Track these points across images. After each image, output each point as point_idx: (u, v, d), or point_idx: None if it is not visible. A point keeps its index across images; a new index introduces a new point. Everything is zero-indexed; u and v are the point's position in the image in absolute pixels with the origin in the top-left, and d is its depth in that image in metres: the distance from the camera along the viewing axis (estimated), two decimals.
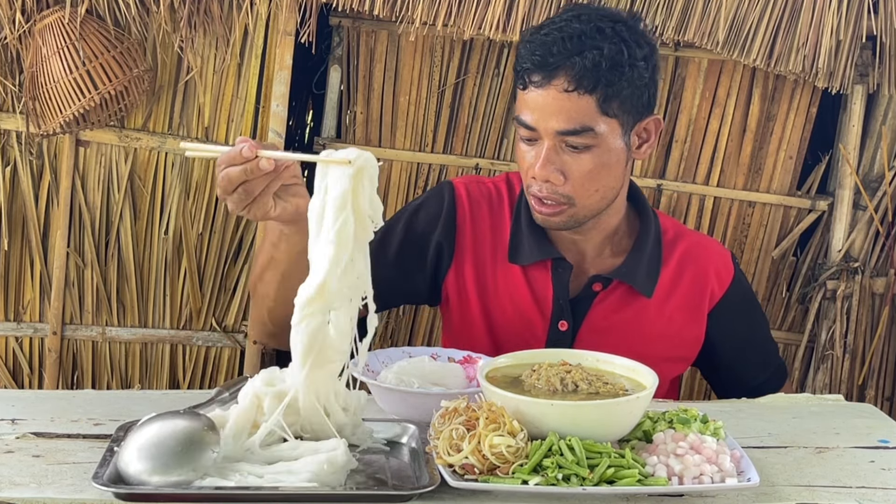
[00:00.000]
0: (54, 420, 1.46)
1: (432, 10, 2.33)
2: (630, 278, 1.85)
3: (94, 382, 2.57)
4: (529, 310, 1.86)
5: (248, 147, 1.40)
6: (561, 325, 1.85)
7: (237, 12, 2.36)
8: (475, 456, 1.24)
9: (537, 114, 1.71)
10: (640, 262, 1.86)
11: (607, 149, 1.73)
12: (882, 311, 2.59)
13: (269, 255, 1.66)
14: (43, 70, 2.25)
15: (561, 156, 1.71)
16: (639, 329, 1.85)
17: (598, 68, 1.67)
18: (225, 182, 1.43)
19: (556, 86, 1.68)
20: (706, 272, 1.91)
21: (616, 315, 1.86)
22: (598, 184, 1.75)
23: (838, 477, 1.37)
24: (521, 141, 1.77)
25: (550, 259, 1.85)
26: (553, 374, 1.39)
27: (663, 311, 1.88)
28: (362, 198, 1.32)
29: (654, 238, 1.89)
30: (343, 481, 1.26)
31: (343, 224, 1.30)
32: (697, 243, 1.95)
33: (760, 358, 2.04)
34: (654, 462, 1.27)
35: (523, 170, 1.78)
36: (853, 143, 2.54)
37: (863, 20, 2.38)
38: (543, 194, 1.74)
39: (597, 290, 1.86)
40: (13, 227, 2.45)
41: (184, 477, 1.21)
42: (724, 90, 2.54)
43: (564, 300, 1.85)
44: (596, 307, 1.86)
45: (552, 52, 1.68)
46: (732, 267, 1.95)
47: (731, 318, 1.93)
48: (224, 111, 2.46)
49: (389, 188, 2.58)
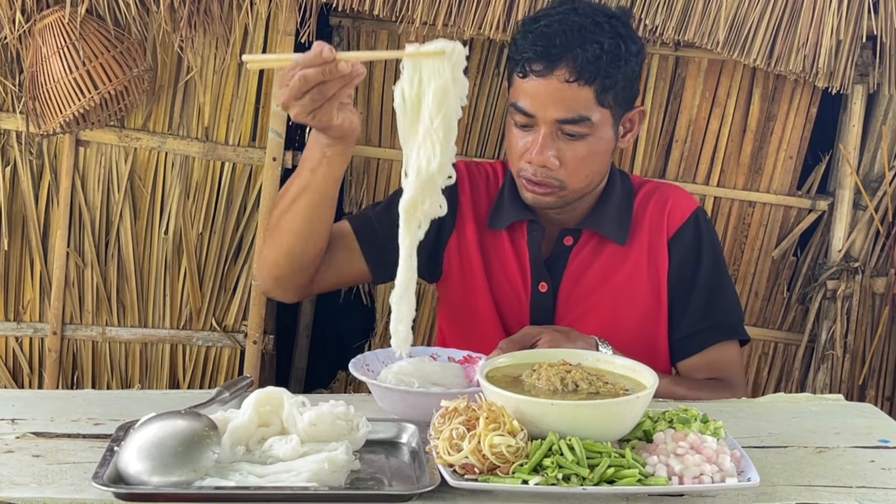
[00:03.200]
0: (54, 420, 1.46)
1: (432, 10, 2.33)
2: (597, 226, 1.90)
3: (94, 382, 2.57)
4: (515, 274, 1.93)
5: (328, 49, 1.44)
6: (541, 287, 1.91)
7: (237, 12, 2.36)
8: (475, 456, 1.24)
9: (537, 101, 1.77)
10: (606, 211, 1.91)
11: (599, 137, 1.80)
12: (882, 311, 2.59)
13: (305, 182, 1.70)
14: (43, 70, 2.25)
15: (557, 142, 1.79)
16: (613, 276, 1.90)
17: (599, 61, 1.75)
18: (301, 83, 1.45)
19: (557, 76, 1.75)
20: (665, 203, 1.95)
21: (592, 269, 1.91)
22: (588, 169, 1.82)
23: (838, 477, 1.36)
24: (514, 126, 1.83)
25: (526, 221, 1.91)
26: (553, 373, 1.39)
27: (630, 253, 1.91)
28: (459, 86, 1.38)
29: (621, 190, 1.94)
30: (343, 481, 1.26)
31: (447, 114, 1.37)
32: (662, 185, 2.03)
33: (702, 303, 1.95)
34: (654, 462, 1.27)
35: (516, 154, 1.83)
36: (853, 143, 2.54)
37: (863, 20, 2.38)
38: (537, 178, 1.80)
39: (568, 244, 1.91)
40: (13, 227, 2.45)
41: (184, 477, 1.21)
42: (724, 90, 2.54)
43: (539, 261, 1.91)
44: (571, 264, 1.91)
45: (555, 43, 1.75)
46: (693, 203, 1.98)
47: (684, 252, 1.93)
48: (224, 111, 2.46)
49: (389, 188, 2.58)
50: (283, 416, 1.34)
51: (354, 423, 1.36)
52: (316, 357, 2.77)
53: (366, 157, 2.57)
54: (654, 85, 2.53)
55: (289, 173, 2.54)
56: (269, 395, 1.35)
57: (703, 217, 1.97)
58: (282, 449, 1.28)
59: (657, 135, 2.57)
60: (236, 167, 2.49)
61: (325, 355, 2.76)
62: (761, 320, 2.67)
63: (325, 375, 2.74)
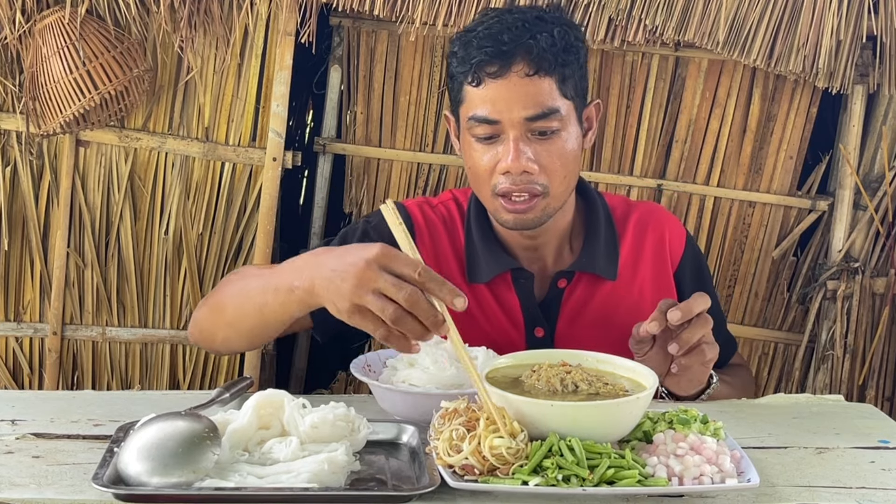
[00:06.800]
0: (54, 420, 1.46)
1: (432, 10, 2.32)
2: (591, 266, 1.84)
3: (94, 383, 2.57)
4: (503, 324, 1.84)
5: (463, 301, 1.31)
6: (537, 332, 1.83)
7: (237, 12, 2.36)
8: (475, 457, 1.24)
9: (500, 105, 1.67)
10: (596, 248, 1.85)
11: (569, 132, 1.72)
12: (882, 312, 2.59)
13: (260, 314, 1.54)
14: (43, 70, 2.25)
15: (530, 144, 1.69)
16: (613, 314, 1.84)
17: (555, 48, 1.67)
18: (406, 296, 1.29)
19: (516, 72, 1.66)
20: (662, 235, 1.91)
21: (587, 307, 1.85)
22: (566, 169, 1.73)
23: (838, 477, 1.36)
24: (475, 142, 1.72)
25: (509, 270, 1.83)
26: (553, 374, 1.39)
27: (632, 289, 1.87)
28: None
29: (604, 220, 1.88)
30: (343, 481, 1.26)
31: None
32: (647, 211, 1.95)
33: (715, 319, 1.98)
34: (654, 462, 1.27)
35: (485, 170, 1.72)
36: (853, 143, 2.54)
37: (863, 20, 2.38)
38: (518, 187, 1.70)
39: (562, 286, 1.84)
40: (13, 227, 2.45)
41: (184, 478, 1.20)
42: (724, 90, 2.54)
43: (533, 307, 1.83)
44: (565, 305, 1.84)
45: (503, 40, 1.66)
46: (683, 228, 1.96)
47: (691, 277, 1.93)
48: (224, 111, 2.46)
49: (389, 188, 2.58)
50: (283, 418, 1.34)
51: (355, 425, 1.36)
52: (316, 357, 2.76)
53: (366, 158, 2.57)
54: (654, 85, 2.53)
55: (289, 173, 2.58)
56: (270, 398, 1.35)
57: (691, 239, 1.97)
58: (282, 452, 1.28)
59: (657, 135, 2.57)
60: (236, 167, 2.49)
61: (326, 356, 2.76)
62: (761, 320, 2.67)
63: (325, 376, 2.74)
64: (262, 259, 2.45)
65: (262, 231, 2.45)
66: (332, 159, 2.59)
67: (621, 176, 2.57)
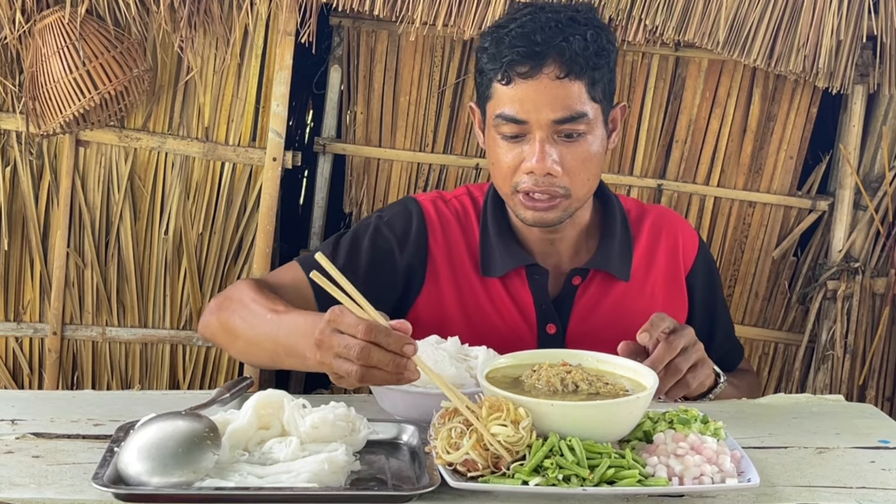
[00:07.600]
0: (54, 420, 1.46)
1: (432, 10, 2.32)
2: (605, 265, 1.84)
3: (94, 383, 2.56)
4: (515, 320, 1.84)
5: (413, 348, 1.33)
6: (549, 329, 1.84)
7: (237, 12, 2.36)
8: (476, 450, 1.24)
9: (528, 105, 1.67)
10: (611, 247, 1.85)
11: (596, 135, 1.72)
12: (882, 312, 2.59)
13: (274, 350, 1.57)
14: (43, 70, 2.25)
15: (556, 146, 1.69)
16: (624, 315, 1.84)
17: (587, 51, 1.67)
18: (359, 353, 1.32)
19: (547, 74, 1.66)
20: (676, 240, 1.92)
21: (599, 306, 1.85)
22: (589, 172, 1.74)
23: (839, 477, 1.36)
24: (501, 139, 1.72)
25: (524, 266, 1.83)
26: (553, 374, 1.39)
27: (644, 290, 1.88)
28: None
29: (620, 222, 1.89)
30: (343, 481, 1.26)
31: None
32: (661, 215, 1.96)
33: (724, 325, 2.02)
34: (654, 462, 1.27)
35: (508, 168, 1.72)
36: (853, 143, 2.54)
37: (863, 20, 2.38)
38: (540, 188, 1.70)
39: (576, 283, 1.84)
40: (13, 227, 2.45)
41: (184, 478, 1.21)
42: (724, 90, 2.54)
43: (547, 304, 1.83)
44: (578, 302, 1.85)
45: (536, 40, 1.66)
46: (696, 234, 1.98)
47: (702, 283, 1.94)
48: (224, 111, 2.46)
49: (389, 188, 2.58)
50: (283, 418, 1.34)
51: (355, 425, 1.36)
52: None
53: (366, 158, 2.57)
54: (654, 85, 2.53)
55: (289, 173, 2.57)
56: (270, 398, 1.35)
57: (703, 244, 1.98)
58: (282, 452, 1.28)
59: (657, 135, 2.57)
60: (236, 167, 2.49)
61: None
62: (761, 320, 2.67)
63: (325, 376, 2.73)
64: (262, 259, 2.45)
65: (262, 231, 2.44)
66: (332, 159, 2.58)
67: (621, 176, 2.56)
